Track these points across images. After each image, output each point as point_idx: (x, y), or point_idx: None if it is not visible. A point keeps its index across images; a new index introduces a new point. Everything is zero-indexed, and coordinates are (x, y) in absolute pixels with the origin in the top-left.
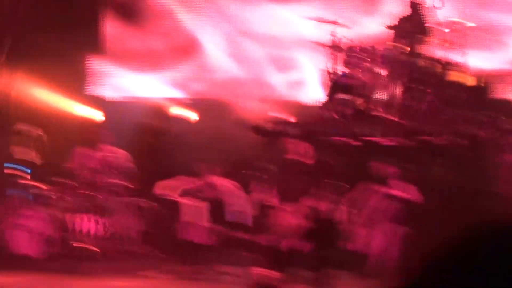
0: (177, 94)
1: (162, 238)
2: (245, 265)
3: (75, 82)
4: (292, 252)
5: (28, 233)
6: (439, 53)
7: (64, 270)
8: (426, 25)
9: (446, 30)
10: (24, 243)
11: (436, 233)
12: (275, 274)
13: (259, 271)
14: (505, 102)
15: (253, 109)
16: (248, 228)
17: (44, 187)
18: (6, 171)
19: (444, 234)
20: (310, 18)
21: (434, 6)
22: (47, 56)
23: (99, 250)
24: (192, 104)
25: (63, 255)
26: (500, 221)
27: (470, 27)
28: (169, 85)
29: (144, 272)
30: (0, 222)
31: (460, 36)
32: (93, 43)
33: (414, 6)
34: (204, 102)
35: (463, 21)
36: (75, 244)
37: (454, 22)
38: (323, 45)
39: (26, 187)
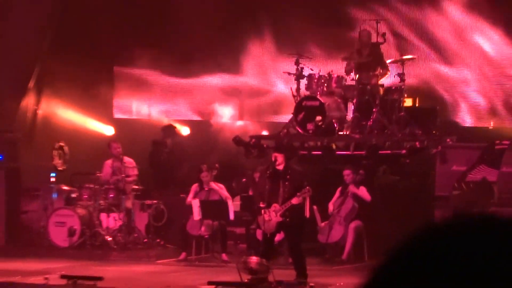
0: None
1: (172, 232)
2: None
3: (92, 103)
4: (277, 243)
5: (62, 228)
6: (383, 79)
7: (91, 258)
8: (372, 56)
9: (388, 61)
10: (59, 236)
11: (382, 225)
12: (263, 261)
13: (252, 259)
14: (434, 119)
15: (234, 127)
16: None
17: (74, 189)
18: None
19: (387, 226)
20: (281, 52)
21: (378, 41)
22: (68, 81)
23: (119, 242)
24: (188, 124)
25: (90, 245)
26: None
27: (408, 59)
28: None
29: (159, 260)
30: (41, 220)
31: (400, 65)
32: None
33: (363, 41)
34: (197, 122)
35: (406, 55)
36: (99, 237)
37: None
38: (290, 74)
39: (59, 190)
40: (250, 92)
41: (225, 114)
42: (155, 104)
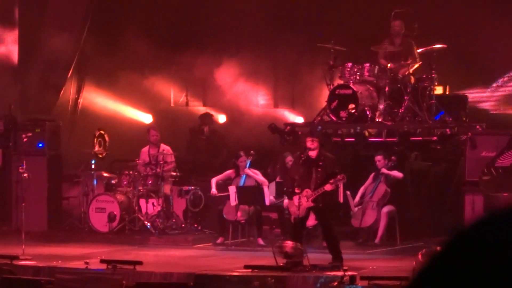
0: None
1: (210, 217)
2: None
3: (132, 92)
4: (312, 227)
5: (102, 213)
6: (414, 69)
7: (130, 243)
8: (404, 46)
9: (419, 50)
10: (99, 221)
11: (413, 210)
12: (298, 245)
13: (287, 243)
14: (464, 106)
15: (270, 114)
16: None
17: (114, 176)
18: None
19: (419, 211)
20: (316, 43)
21: (410, 31)
22: (108, 70)
23: (158, 227)
24: (225, 112)
25: (129, 230)
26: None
27: (439, 48)
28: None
29: (196, 244)
30: (82, 206)
31: (429, 54)
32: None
33: (395, 31)
34: (233, 110)
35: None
36: (138, 222)
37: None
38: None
39: (99, 177)
40: (286, 80)
41: (261, 102)
42: (193, 92)
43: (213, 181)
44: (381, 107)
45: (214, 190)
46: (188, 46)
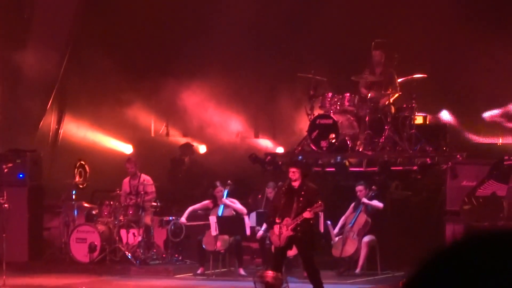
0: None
1: (190, 247)
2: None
3: (113, 122)
4: (292, 257)
5: (83, 244)
6: (394, 98)
7: (111, 273)
8: (384, 76)
9: (399, 80)
10: (80, 251)
11: (394, 239)
12: (279, 274)
13: (268, 273)
14: (444, 136)
15: (249, 144)
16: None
17: (95, 206)
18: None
19: (400, 240)
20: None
21: (390, 61)
22: (88, 100)
23: (138, 257)
24: (205, 142)
25: (110, 261)
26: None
27: (419, 78)
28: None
29: (177, 274)
30: (63, 236)
31: (410, 84)
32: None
33: (375, 61)
34: (213, 140)
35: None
36: (119, 252)
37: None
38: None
39: (80, 207)
40: (267, 109)
41: (241, 131)
42: (173, 122)
43: (189, 209)
44: (361, 137)
45: (183, 218)
46: (167, 77)
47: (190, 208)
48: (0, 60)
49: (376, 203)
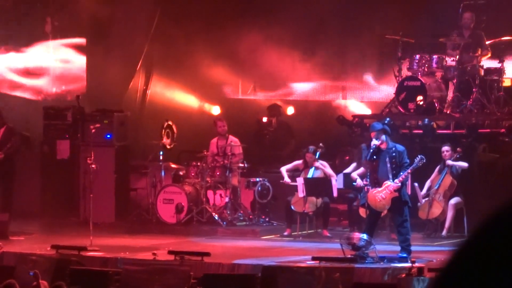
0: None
1: (277, 209)
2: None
3: (198, 83)
4: (381, 219)
5: (170, 205)
6: (482, 60)
7: (198, 234)
8: (473, 38)
9: (488, 42)
10: (167, 212)
11: (481, 202)
12: (366, 236)
13: (355, 235)
14: None
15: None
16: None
17: (182, 167)
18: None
19: (486, 203)
20: (383, 35)
21: (479, 23)
22: (176, 61)
23: (225, 218)
24: (293, 103)
25: (197, 222)
26: None
27: (508, 40)
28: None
29: (264, 236)
30: (150, 197)
31: (498, 46)
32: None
33: (465, 23)
34: (301, 102)
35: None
36: (206, 213)
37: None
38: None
39: (167, 168)
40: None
41: (329, 93)
42: (261, 83)
43: (283, 169)
44: (449, 99)
45: (287, 179)
46: (256, 37)
47: (283, 169)
48: (91, 19)
49: (461, 163)
